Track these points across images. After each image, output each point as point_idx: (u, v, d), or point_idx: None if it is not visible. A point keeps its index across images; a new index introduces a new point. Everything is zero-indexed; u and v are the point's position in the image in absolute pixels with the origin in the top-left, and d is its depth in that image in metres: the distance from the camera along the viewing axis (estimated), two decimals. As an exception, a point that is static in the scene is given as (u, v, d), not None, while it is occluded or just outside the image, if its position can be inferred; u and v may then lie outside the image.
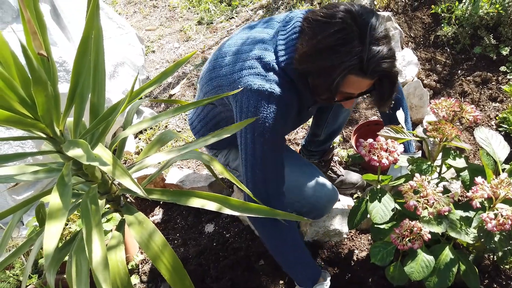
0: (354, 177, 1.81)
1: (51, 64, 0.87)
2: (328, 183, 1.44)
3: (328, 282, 1.25)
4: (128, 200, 1.20)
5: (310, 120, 1.85)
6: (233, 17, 3.17)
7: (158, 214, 1.88)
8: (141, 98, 1.29)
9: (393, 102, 1.45)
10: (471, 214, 1.15)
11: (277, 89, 1.13)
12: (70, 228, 1.59)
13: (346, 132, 2.10)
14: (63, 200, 0.84)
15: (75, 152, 0.84)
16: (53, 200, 0.83)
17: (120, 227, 1.18)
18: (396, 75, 1.08)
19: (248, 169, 1.20)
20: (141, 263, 1.70)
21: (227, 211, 1.03)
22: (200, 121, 1.49)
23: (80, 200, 1.12)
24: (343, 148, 2.02)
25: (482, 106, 2.05)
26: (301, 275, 1.26)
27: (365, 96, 1.23)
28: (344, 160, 1.95)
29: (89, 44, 0.92)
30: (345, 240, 1.60)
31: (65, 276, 1.50)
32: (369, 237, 1.60)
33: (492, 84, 2.11)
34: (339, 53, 1.01)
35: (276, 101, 1.13)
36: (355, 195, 1.80)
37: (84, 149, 0.83)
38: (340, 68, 1.02)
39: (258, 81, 1.13)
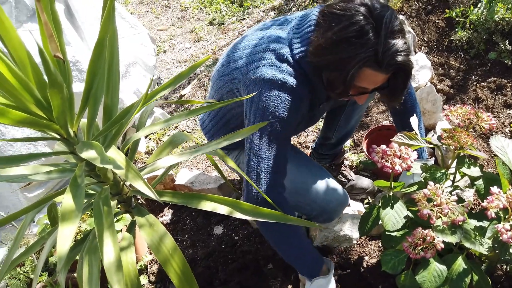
0: (365, 182, 1.79)
1: (66, 66, 0.87)
2: (338, 187, 1.43)
3: (331, 273, 1.25)
4: (139, 201, 1.20)
5: (321, 123, 1.84)
6: (244, 18, 3.17)
7: (167, 214, 1.88)
8: (160, 97, 1.28)
9: (405, 107, 1.44)
10: (485, 224, 1.13)
11: (290, 80, 1.13)
12: (80, 227, 1.60)
13: (357, 136, 2.09)
14: (76, 202, 0.84)
15: (89, 154, 0.84)
16: (66, 201, 0.84)
17: (131, 228, 1.18)
18: (410, 68, 1.08)
19: (251, 158, 1.18)
20: (150, 263, 1.70)
21: (238, 215, 1.03)
22: (211, 120, 1.49)
23: (92, 200, 1.12)
24: (354, 153, 2.00)
25: (496, 113, 2.02)
26: (303, 267, 1.27)
27: (377, 97, 1.21)
28: (355, 164, 1.94)
29: (105, 46, 0.93)
30: (355, 246, 1.59)
31: (74, 274, 1.51)
32: (379, 244, 1.58)
33: (507, 91, 2.08)
34: (354, 45, 1.01)
35: (289, 92, 1.13)
36: (366, 201, 1.79)
37: (98, 151, 0.83)
38: (355, 60, 1.02)
39: (271, 71, 1.13)
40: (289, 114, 1.15)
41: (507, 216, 1.03)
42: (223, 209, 1.03)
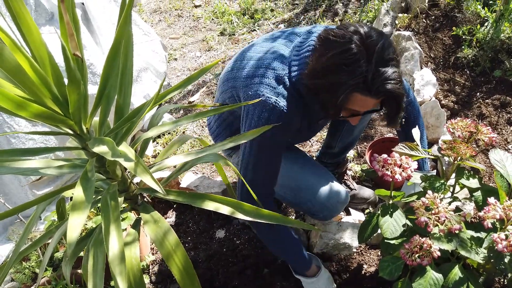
0: (366, 192, 1.81)
1: (84, 65, 0.92)
2: (339, 185, 1.50)
3: (320, 272, 1.38)
4: (145, 199, 1.24)
5: (326, 132, 1.88)
6: (255, 30, 3.24)
7: (171, 217, 1.92)
8: (166, 102, 1.33)
9: (408, 119, 1.48)
10: (482, 235, 1.15)
11: (281, 103, 1.20)
12: (86, 225, 1.63)
13: (361, 147, 2.12)
14: (86, 194, 0.88)
15: (101, 149, 0.88)
16: (77, 193, 0.88)
17: (136, 225, 1.21)
18: (401, 96, 1.11)
19: (241, 169, 1.31)
20: (152, 264, 1.73)
21: (240, 216, 1.06)
22: (216, 121, 1.58)
23: (100, 196, 1.17)
24: (357, 163, 2.03)
25: (499, 130, 2.04)
26: (294, 265, 1.45)
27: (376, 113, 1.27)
28: (358, 175, 1.96)
29: (120, 48, 0.98)
30: (355, 254, 1.60)
31: (78, 270, 1.55)
32: (379, 253, 1.60)
33: (511, 108, 2.10)
34: (344, 72, 1.06)
35: (278, 115, 1.20)
36: (367, 211, 1.81)
37: (110, 146, 0.87)
38: (345, 85, 1.07)
39: (266, 92, 1.20)
40: (276, 134, 1.22)
41: (503, 227, 1.05)
42: (225, 209, 1.07)
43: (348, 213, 1.79)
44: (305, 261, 1.41)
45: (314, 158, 1.93)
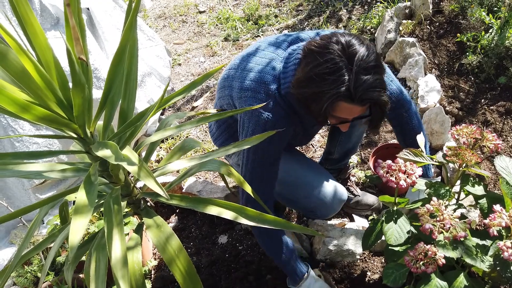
0: (370, 198, 1.80)
1: (88, 69, 0.92)
2: (337, 183, 1.52)
3: (307, 278, 1.40)
4: (148, 204, 1.23)
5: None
6: (258, 36, 3.25)
7: (173, 221, 1.91)
8: (170, 107, 1.33)
9: (410, 128, 1.48)
10: (487, 242, 1.14)
11: (273, 119, 1.26)
12: (88, 229, 1.63)
13: (365, 153, 2.11)
14: (89, 198, 0.88)
15: (104, 153, 0.88)
16: (80, 196, 0.87)
17: (138, 230, 1.21)
18: (384, 103, 1.14)
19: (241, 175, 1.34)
20: (153, 269, 1.72)
21: (243, 220, 1.06)
22: (215, 123, 1.63)
23: (103, 201, 1.16)
24: (361, 169, 2.02)
25: (504, 137, 2.03)
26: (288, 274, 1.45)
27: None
28: (361, 181, 1.95)
29: (125, 53, 0.98)
30: (358, 261, 1.59)
31: (80, 275, 1.54)
32: (383, 260, 1.59)
33: (516, 115, 2.09)
34: (327, 81, 1.10)
35: (270, 127, 1.25)
36: (370, 217, 1.80)
37: (113, 150, 0.87)
38: (328, 94, 1.10)
39: (259, 108, 1.26)
40: (268, 146, 1.27)
41: (509, 234, 1.03)
42: (228, 214, 1.06)
43: (352, 220, 1.78)
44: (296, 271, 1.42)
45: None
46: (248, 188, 1.13)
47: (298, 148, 2.09)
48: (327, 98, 1.10)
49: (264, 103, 1.24)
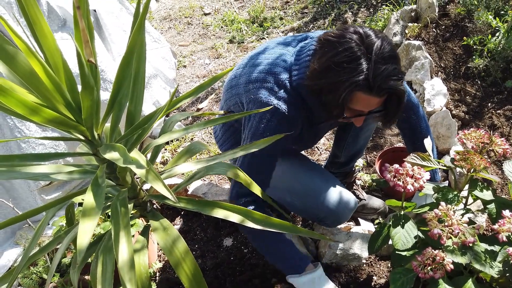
0: (376, 202, 1.79)
1: (97, 71, 0.92)
2: (346, 191, 1.49)
3: (316, 269, 1.29)
4: (154, 206, 1.23)
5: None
6: (264, 38, 3.25)
7: (178, 224, 1.91)
8: (175, 109, 1.33)
9: (417, 131, 1.47)
10: (496, 248, 1.13)
11: (283, 106, 1.22)
12: (94, 230, 1.63)
13: (371, 157, 2.10)
14: (96, 200, 0.88)
15: (112, 155, 0.88)
16: (88, 199, 0.87)
17: (145, 232, 1.21)
18: (402, 93, 1.13)
19: (239, 164, 1.32)
20: (159, 271, 1.72)
21: (249, 224, 1.05)
22: (221, 128, 1.60)
23: (109, 203, 1.16)
24: (367, 173, 2.01)
25: (511, 141, 2.02)
26: (286, 266, 1.33)
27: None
28: (367, 184, 1.94)
29: (133, 56, 0.98)
30: (364, 265, 1.58)
31: (85, 276, 1.54)
32: (389, 264, 1.57)
33: (523, 119, 2.08)
34: (345, 70, 1.08)
35: (279, 117, 1.22)
36: (376, 221, 1.79)
37: (121, 153, 0.87)
38: (346, 84, 1.08)
39: (267, 95, 1.23)
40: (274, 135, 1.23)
41: (518, 241, 1.03)
42: (235, 217, 1.06)
43: (357, 223, 1.77)
44: (300, 257, 1.33)
45: (323, 167, 1.92)
46: (256, 190, 1.13)
47: (303, 152, 2.08)
48: (344, 87, 1.08)
49: (274, 91, 1.21)
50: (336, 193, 1.45)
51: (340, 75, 1.08)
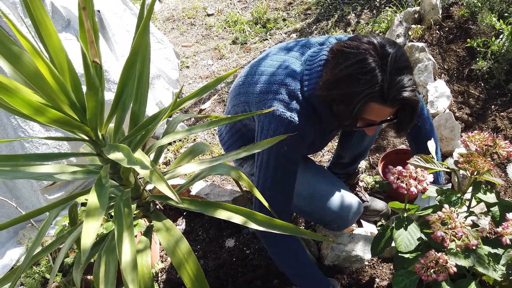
0: (379, 204, 1.79)
1: (102, 72, 0.93)
2: (352, 195, 1.48)
3: None
4: (157, 206, 1.23)
5: (337, 141, 1.87)
6: (267, 39, 3.26)
7: (180, 224, 1.91)
8: (180, 109, 1.34)
9: (422, 133, 1.47)
10: (499, 251, 1.12)
11: (296, 118, 1.21)
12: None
13: (373, 158, 2.10)
14: (100, 200, 0.88)
15: (116, 156, 0.88)
16: (91, 199, 0.88)
17: (148, 232, 1.21)
18: (417, 103, 1.12)
19: (259, 185, 1.30)
20: (161, 272, 1.72)
21: (252, 225, 1.05)
22: (228, 132, 1.58)
23: (113, 203, 1.16)
24: (369, 175, 2.01)
25: (515, 143, 2.01)
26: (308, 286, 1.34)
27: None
28: (370, 186, 1.94)
29: (137, 57, 0.98)
30: (366, 267, 1.58)
31: (88, 276, 1.54)
32: (391, 266, 1.57)
33: (527, 122, 2.07)
34: (360, 81, 1.06)
35: (293, 129, 1.21)
36: (379, 223, 1.78)
37: (125, 153, 0.87)
38: (360, 95, 1.07)
39: (281, 108, 1.22)
40: (292, 150, 1.24)
41: (522, 244, 1.02)
42: (238, 219, 1.06)
43: (360, 225, 1.77)
44: (323, 282, 1.34)
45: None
46: (258, 194, 1.13)
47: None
48: (359, 99, 1.07)
49: (287, 103, 1.20)
50: (341, 197, 1.45)
51: (354, 87, 1.07)
